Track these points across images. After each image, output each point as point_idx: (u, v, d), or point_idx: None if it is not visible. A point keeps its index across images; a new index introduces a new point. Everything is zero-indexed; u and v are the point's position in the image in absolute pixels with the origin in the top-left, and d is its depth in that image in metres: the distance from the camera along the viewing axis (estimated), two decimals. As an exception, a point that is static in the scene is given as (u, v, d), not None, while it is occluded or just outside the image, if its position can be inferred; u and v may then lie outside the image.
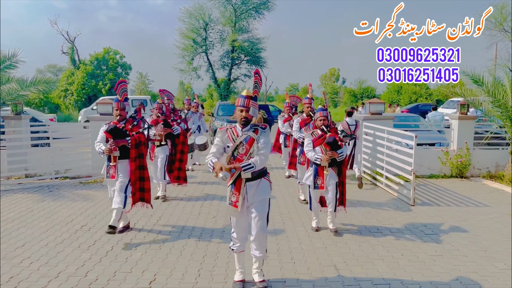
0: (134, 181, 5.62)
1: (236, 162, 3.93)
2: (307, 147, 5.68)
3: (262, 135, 4.00)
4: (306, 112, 7.20)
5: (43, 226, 6.10)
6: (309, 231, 5.91)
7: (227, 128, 4.10)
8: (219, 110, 16.28)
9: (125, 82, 5.91)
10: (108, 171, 5.59)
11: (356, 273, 4.51)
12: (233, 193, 4.05)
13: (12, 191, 8.37)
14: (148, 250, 5.15)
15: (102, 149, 5.51)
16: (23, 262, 4.78)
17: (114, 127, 5.47)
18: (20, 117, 9.49)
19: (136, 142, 5.57)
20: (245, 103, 3.96)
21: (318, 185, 5.63)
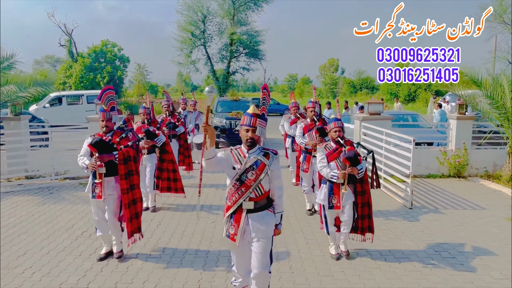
0: (127, 203, 4.97)
1: (243, 187, 3.55)
2: (320, 162, 5.04)
3: (274, 162, 3.64)
4: (310, 117, 6.90)
5: (44, 232, 6.15)
6: (308, 237, 5.97)
7: (231, 149, 3.71)
8: (218, 106, 16.24)
9: (111, 89, 5.37)
10: (93, 189, 4.98)
11: (354, 283, 4.57)
12: (231, 224, 3.64)
13: (13, 192, 8.41)
14: (149, 259, 5.22)
15: (86, 163, 4.90)
16: (25, 272, 4.84)
17: (99, 140, 4.84)
18: (19, 119, 9.50)
19: (124, 157, 4.95)
20: (252, 123, 3.57)
21: (334, 204, 4.99)
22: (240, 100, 17.01)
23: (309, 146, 6.58)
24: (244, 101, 17.30)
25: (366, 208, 5.12)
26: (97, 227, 5.15)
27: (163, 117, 8.50)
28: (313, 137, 6.58)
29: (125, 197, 4.96)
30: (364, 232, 5.18)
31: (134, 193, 5.11)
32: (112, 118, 5.09)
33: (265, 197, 3.65)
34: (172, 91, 79.75)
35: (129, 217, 4.99)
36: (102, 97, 5.16)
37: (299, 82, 75.04)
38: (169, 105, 8.63)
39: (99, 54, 36.86)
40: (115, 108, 5.18)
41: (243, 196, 3.57)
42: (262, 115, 3.71)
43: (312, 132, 6.61)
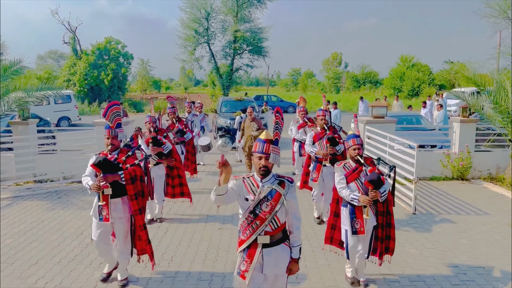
0: (142, 225, 4.75)
1: (257, 221, 3.29)
2: (339, 183, 4.61)
3: (290, 191, 3.36)
4: (320, 126, 6.74)
5: (55, 240, 6.29)
6: (313, 245, 6.07)
7: (243, 178, 3.42)
8: (222, 106, 16.31)
9: (117, 104, 5.03)
10: (100, 212, 4.67)
11: None
12: (243, 260, 3.36)
13: (22, 197, 8.56)
14: (157, 268, 5.34)
15: (89, 184, 4.55)
16: (38, 282, 4.97)
17: (103, 159, 4.52)
18: (27, 123, 9.64)
19: (131, 177, 4.65)
20: (264, 149, 3.29)
21: (357, 229, 4.57)
22: (244, 100, 17.06)
23: (320, 155, 6.54)
24: (248, 100, 17.35)
25: (388, 229, 4.71)
26: (97, 249, 4.83)
27: (170, 123, 8.46)
28: (323, 146, 6.52)
29: (138, 218, 4.72)
30: (382, 255, 4.72)
31: (143, 218, 4.83)
32: (118, 135, 4.84)
33: (281, 230, 3.38)
34: (176, 86, 79.80)
35: (146, 239, 4.79)
36: (108, 113, 4.86)
37: (302, 76, 74.96)
38: (174, 112, 8.54)
39: (103, 51, 36.94)
40: (121, 125, 4.95)
41: (258, 229, 3.30)
42: (275, 141, 3.46)
43: (323, 141, 6.52)
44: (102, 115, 4.92)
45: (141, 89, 56.16)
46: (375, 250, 4.69)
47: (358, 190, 4.53)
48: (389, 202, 4.67)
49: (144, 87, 56.47)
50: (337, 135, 6.63)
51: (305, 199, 7.99)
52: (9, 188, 9.08)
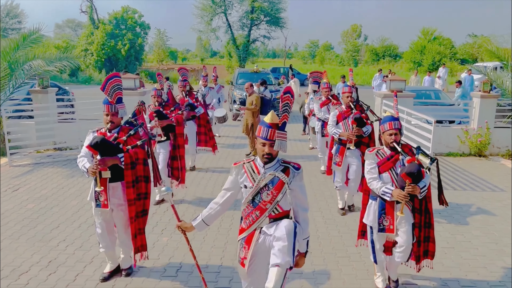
0: (133, 217, 4.19)
1: (257, 211, 3.06)
2: (369, 172, 4.02)
3: (295, 179, 3.06)
4: (345, 104, 6.11)
5: (75, 205, 6.49)
6: (326, 217, 6.14)
7: (243, 163, 3.16)
8: (238, 78, 16.25)
9: (117, 76, 4.46)
10: (97, 197, 4.19)
11: (369, 265, 4.75)
12: (242, 247, 3.17)
13: (43, 164, 8.79)
14: (173, 235, 5.49)
15: (86, 167, 4.06)
16: (59, 245, 5.18)
17: (101, 140, 3.94)
18: (46, 91, 9.80)
19: (131, 161, 4.11)
20: (269, 135, 2.98)
21: (385, 226, 3.98)
22: (260, 72, 16.95)
23: (344, 137, 5.96)
24: (265, 73, 17.23)
25: (427, 230, 4.11)
26: (100, 241, 4.38)
27: (180, 97, 8.00)
28: (348, 127, 5.94)
29: (131, 208, 4.16)
30: (420, 259, 4.16)
31: (144, 203, 4.34)
32: (118, 112, 4.29)
33: (283, 215, 3.11)
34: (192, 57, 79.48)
35: (133, 233, 4.24)
36: (106, 86, 4.30)
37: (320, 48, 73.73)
38: (185, 85, 8.15)
39: (120, 21, 36.82)
40: (121, 100, 4.37)
41: (258, 220, 3.07)
42: (282, 125, 3.06)
43: (348, 121, 5.94)
44: (100, 89, 4.32)
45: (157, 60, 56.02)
46: (413, 252, 4.10)
47: (392, 182, 3.92)
48: (428, 199, 4.07)
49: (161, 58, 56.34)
50: (364, 115, 6.04)
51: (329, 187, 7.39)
52: (30, 155, 9.33)
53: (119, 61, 35.88)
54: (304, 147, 10.72)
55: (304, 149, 10.47)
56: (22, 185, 7.43)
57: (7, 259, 4.79)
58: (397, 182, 3.88)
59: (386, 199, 3.92)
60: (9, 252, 4.97)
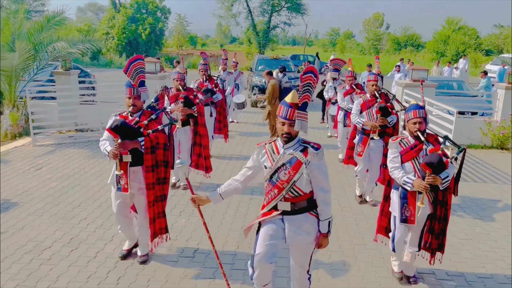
0: (151, 201, 4.20)
1: (275, 189, 3.08)
2: (392, 161, 3.97)
3: (314, 159, 3.03)
4: (370, 92, 5.95)
5: (95, 186, 6.63)
6: (342, 205, 6.14)
7: (265, 143, 3.18)
8: (257, 64, 16.20)
9: (141, 59, 4.41)
10: (117, 181, 4.19)
11: (385, 253, 4.75)
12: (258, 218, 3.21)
13: (65, 144, 8.98)
14: (191, 218, 5.58)
15: (107, 150, 4.06)
16: (80, 223, 5.32)
17: (121, 124, 3.92)
18: (69, 73, 9.97)
19: (152, 145, 4.10)
20: (288, 115, 2.97)
21: (407, 217, 3.94)
22: (280, 59, 16.86)
23: (367, 126, 5.80)
24: (284, 59, 17.13)
25: (443, 223, 4.02)
26: (117, 222, 4.44)
27: (200, 81, 7.90)
28: (372, 116, 5.79)
29: (150, 192, 4.16)
30: (434, 252, 4.10)
31: (163, 188, 4.33)
32: (141, 95, 4.25)
33: (304, 199, 3.11)
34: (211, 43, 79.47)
35: (152, 217, 4.26)
36: (129, 69, 4.26)
37: (341, 37, 72.77)
38: (207, 69, 8.06)
39: (141, 5, 36.98)
40: (144, 83, 4.33)
41: (276, 198, 3.09)
42: (303, 105, 3.04)
43: (372, 110, 5.80)
44: (123, 71, 4.29)
45: (177, 45, 56.18)
46: (428, 244, 4.05)
47: (414, 172, 3.85)
48: (449, 190, 3.96)
49: (181, 43, 56.46)
50: (389, 105, 5.88)
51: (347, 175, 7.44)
52: (53, 135, 9.53)
53: (139, 45, 36.13)
54: (322, 134, 10.68)
55: (322, 137, 10.43)
56: (45, 164, 7.62)
57: (30, 235, 4.95)
58: (419, 172, 3.82)
59: (407, 189, 3.87)
60: (33, 228, 5.14)
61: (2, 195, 6.09)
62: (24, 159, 7.84)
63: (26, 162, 7.69)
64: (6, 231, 5.01)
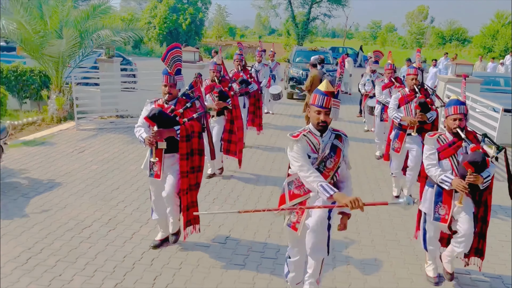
0: (185, 190, 4.23)
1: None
2: (428, 158, 3.82)
3: (345, 145, 3.22)
4: (409, 86, 5.75)
5: (133, 170, 6.84)
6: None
7: (303, 134, 3.15)
8: (295, 56, 16.09)
9: (178, 48, 4.40)
10: (151, 167, 4.29)
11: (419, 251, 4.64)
12: (295, 211, 3.25)
13: (106, 129, 9.30)
14: (224, 205, 5.67)
15: (143, 137, 4.13)
16: (118, 205, 5.52)
17: (158, 112, 3.98)
18: (112, 61, 10.28)
19: (187, 133, 4.13)
20: (325, 103, 3.02)
21: (441, 216, 3.80)
22: (318, 51, 16.67)
23: (405, 122, 5.64)
24: (323, 51, 16.92)
25: (480, 225, 3.88)
26: (153, 207, 4.53)
27: (235, 72, 7.84)
28: (410, 112, 5.64)
29: (184, 181, 4.20)
30: (470, 254, 3.99)
31: (197, 176, 4.37)
32: (177, 83, 4.26)
33: (333, 183, 3.23)
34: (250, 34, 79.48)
35: (185, 205, 4.28)
36: (167, 57, 4.25)
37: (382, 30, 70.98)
38: (242, 60, 8.01)
39: (183, -5, 37.48)
40: (180, 72, 4.35)
41: None
42: (337, 94, 3.11)
43: (411, 105, 5.64)
44: (161, 59, 4.34)
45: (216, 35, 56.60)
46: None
47: (452, 170, 3.71)
48: (489, 191, 3.82)
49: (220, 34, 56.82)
50: (429, 100, 5.66)
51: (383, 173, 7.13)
52: (95, 120, 9.88)
53: (179, 35, 36.69)
54: (358, 128, 10.53)
55: (358, 131, 10.29)
56: (87, 147, 7.93)
57: (72, 214, 5.19)
58: (457, 170, 3.69)
59: (444, 188, 3.73)
60: (74, 207, 5.38)
61: (47, 175, 6.40)
62: (68, 142, 8.19)
63: (69, 144, 8.04)
64: (50, 209, 5.28)
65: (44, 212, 5.19)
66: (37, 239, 4.56)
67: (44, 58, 9.27)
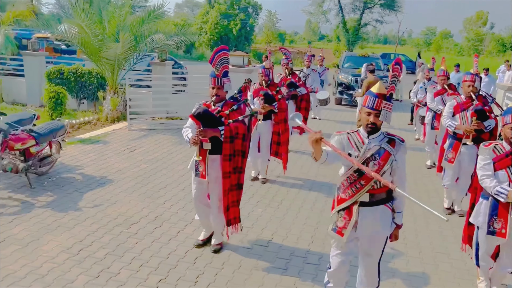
0: (227, 189, 4.27)
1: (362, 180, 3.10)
2: (482, 168, 3.64)
3: (400, 151, 3.12)
4: (466, 94, 5.44)
5: (180, 170, 7.01)
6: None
7: (348, 133, 3.19)
8: (344, 61, 15.88)
9: (226, 50, 4.43)
10: (196, 167, 4.35)
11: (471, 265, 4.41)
12: (341, 217, 3.22)
13: (156, 130, 9.60)
14: (268, 208, 5.67)
15: (189, 137, 4.21)
16: (165, 204, 5.67)
17: (204, 111, 4.05)
18: (164, 64, 10.64)
19: (231, 135, 4.14)
20: (375, 105, 3.00)
21: (496, 229, 3.60)
22: (369, 57, 16.36)
23: (461, 130, 5.36)
24: (374, 57, 16.57)
25: None
26: (196, 209, 4.62)
27: (283, 76, 7.94)
28: (466, 120, 5.32)
29: (226, 181, 4.24)
30: None
31: (239, 177, 4.39)
32: (224, 85, 4.29)
33: (384, 190, 3.14)
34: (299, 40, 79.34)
35: (226, 205, 4.32)
36: (214, 59, 4.29)
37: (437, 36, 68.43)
38: (288, 63, 8.04)
39: (234, 1, 38.12)
40: (228, 74, 4.37)
41: (362, 189, 3.11)
42: (389, 96, 3.08)
43: (467, 113, 5.33)
44: (209, 62, 4.38)
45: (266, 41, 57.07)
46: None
47: (509, 181, 3.51)
48: None
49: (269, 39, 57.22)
50: (487, 108, 5.37)
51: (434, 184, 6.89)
52: (146, 121, 10.23)
53: (230, 40, 37.31)
54: (409, 136, 10.18)
55: (408, 139, 9.94)
56: (138, 147, 8.22)
57: (121, 210, 5.39)
58: None
59: (500, 200, 3.53)
60: (124, 204, 5.58)
61: (99, 172, 6.69)
62: (120, 141, 8.54)
63: (122, 143, 8.37)
64: (101, 204, 5.51)
65: (96, 207, 5.43)
66: (88, 232, 4.77)
67: (101, 61, 9.74)
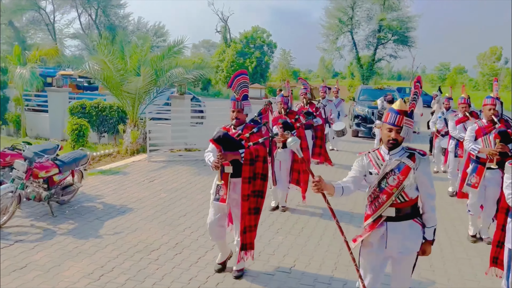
0: (245, 213, 4.20)
1: (383, 195, 3.08)
2: (509, 187, 3.54)
3: (421, 165, 3.07)
4: (487, 117, 5.39)
5: (200, 199, 7.01)
6: (452, 238, 5.65)
7: (368, 152, 3.24)
8: (360, 94, 16.00)
9: (245, 74, 4.52)
10: (217, 191, 4.31)
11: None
12: (364, 229, 3.25)
13: (175, 161, 9.69)
14: (288, 236, 5.59)
15: (211, 161, 4.20)
16: (185, 231, 5.64)
17: (223, 135, 4.07)
18: (183, 97, 10.87)
19: (251, 157, 4.13)
20: (397, 121, 3.01)
21: None
22: (384, 89, 16.45)
23: (484, 153, 5.29)
24: (389, 89, 16.66)
25: None
26: (209, 232, 4.47)
27: (300, 105, 8.12)
28: (489, 143, 5.26)
29: (244, 204, 4.18)
30: None
31: (257, 201, 4.30)
32: (244, 109, 4.30)
33: (410, 205, 3.12)
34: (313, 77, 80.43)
35: (243, 228, 4.23)
36: (234, 83, 4.35)
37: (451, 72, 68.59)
38: (307, 93, 8.25)
39: (250, 39, 39.18)
40: (247, 97, 4.39)
41: (384, 204, 3.09)
42: (410, 113, 3.10)
43: (489, 137, 5.27)
44: (227, 86, 4.40)
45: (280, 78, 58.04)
46: None
47: None
48: None
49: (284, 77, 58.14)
50: (510, 131, 5.24)
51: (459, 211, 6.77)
52: (165, 153, 10.34)
53: (245, 77, 38.04)
54: (429, 167, 10.04)
55: (429, 169, 9.80)
56: (157, 177, 8.28)
57: (141, 237, 5.38)
58: None
59: None
60: (144, 231, 5.57)
61: (120, 201, 6.74)
62: (140, 172, 8.62)
63: (141, 174, 8.44)
64: (121, 231, 5.51)
65: (116, 234, 5.43)
66: (109, 258, 4.76)
67: (122, 95, 10.01)
